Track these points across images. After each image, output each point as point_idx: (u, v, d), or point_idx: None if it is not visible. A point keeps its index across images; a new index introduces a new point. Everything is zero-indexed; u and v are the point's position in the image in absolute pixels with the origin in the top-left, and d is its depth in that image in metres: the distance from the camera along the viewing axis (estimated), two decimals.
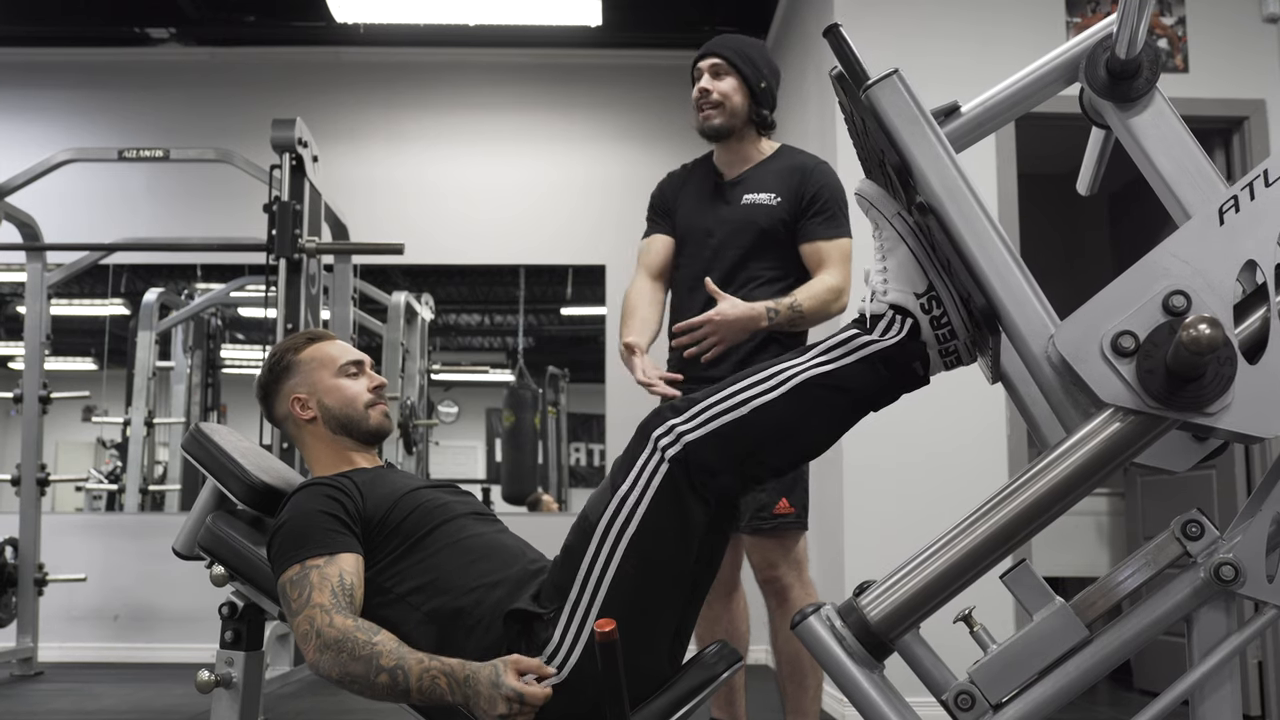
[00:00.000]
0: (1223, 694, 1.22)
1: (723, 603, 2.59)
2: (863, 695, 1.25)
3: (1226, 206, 1.22)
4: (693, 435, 1.46)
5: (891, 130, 1.35)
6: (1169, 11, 4.00)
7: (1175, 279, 1.20)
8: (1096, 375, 1.20)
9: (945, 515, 1.35)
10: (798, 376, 1.45)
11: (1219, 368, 1.16)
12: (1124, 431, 1.22)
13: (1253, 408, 1.18)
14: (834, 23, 1.41)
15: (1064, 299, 1.31)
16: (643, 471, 1.48)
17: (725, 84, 2.54)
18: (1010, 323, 1.30)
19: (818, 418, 1.49)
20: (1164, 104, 1.37)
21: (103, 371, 6.14)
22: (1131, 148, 1.39)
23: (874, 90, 1.36)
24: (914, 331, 1.40)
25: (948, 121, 1.45)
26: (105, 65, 5.70)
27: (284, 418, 1.97)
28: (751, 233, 2.51)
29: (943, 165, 1.33)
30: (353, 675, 1.55)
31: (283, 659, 4.13)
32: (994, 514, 1.26)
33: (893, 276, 1.41)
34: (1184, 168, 1.35)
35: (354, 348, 2.03)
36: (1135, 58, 1.34)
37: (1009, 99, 1.46)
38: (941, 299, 1.38)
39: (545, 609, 1.54)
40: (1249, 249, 1.21)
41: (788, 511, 2.45)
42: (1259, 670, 3.77)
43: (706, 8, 5.34)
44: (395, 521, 1.74)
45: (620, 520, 1.49)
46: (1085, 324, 1.22)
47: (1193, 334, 1.12)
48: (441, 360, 6.52)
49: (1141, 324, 1.19)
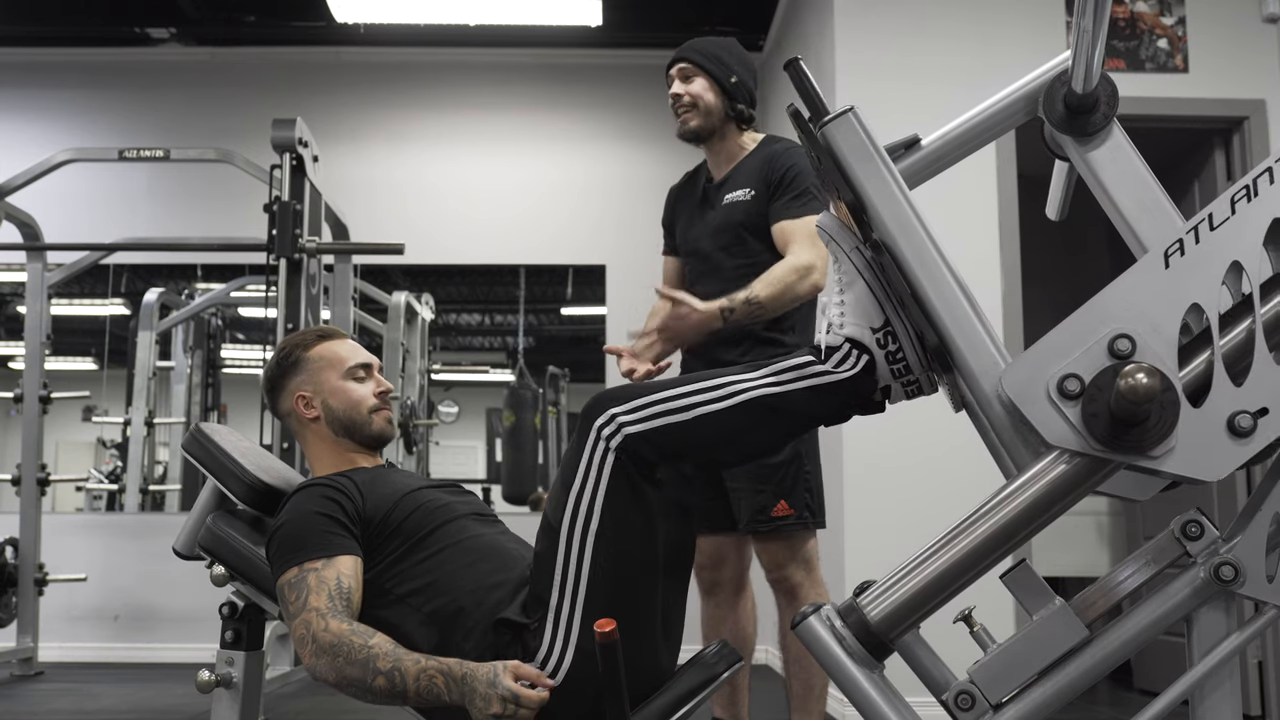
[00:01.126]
0: (1223, 694, 1.22)
1: (731, 603, 2.59)
2: (863, 695, 1.25)
3: (1172, 250, 1.23)
4: (633, 428, 1.47)
5: (846, 167, 1.35)
6: (1169, 11, 4.00)
7: (1121, 322, 1.22)
8: (1043, 417, 1.22)
9: (945, 515, 1.35)
10: (746, 393, 1.45)
11: (1162, 412, 1.17)
12: (1069, 473, 1.23)
13: (1196, 451, 1.19)
14: (794, 57, 1.41)
15: (1064, 299, 1.31)
16: (591, 464, 1.49)
17: (695, 85, 2.56)
18: (962, 361, 1.31)
19: (759, 432, 1.51)
20: (1122, 138, 1.38)
21: (103, 371, 6.14)
22: (1090, 181, 1.40)
23: (829, 127, 1.36)
24: (869, 366, 1.41)
25: (907, 155, 1.44)
26: (105, 65, 5.70)
27: (287, 414, 1.97)
28: (732, 232, 2.53)
29: (896, 203, 1.34)
30: (349, 679, 1.55)
31: (283, 659, 4.13)
32: (994, 514, 1.27)
33: (849, 310, 1.42)
34: (1141, 203, 1.36)
35: (363, 349, 2.03)
36: (1092, 92, 1.34)
37: (969, 132, 1.46)
38: (897, 334, 1.39)
39: (530, 619, 1.54)
40: (1193, 292, 1.22)
41: (786, 514, 2.45)
42: (1259, 670, 3.77)
43: (706, 8, 5.34)
44: (396, 522, 1.74)
45: (581, 518, 1.49)
46: (1033, 365, 1.23)
47: (1130, 383, 1.14)
48: (442, 360, 6.52)
49: (1087, 367, 1.21)
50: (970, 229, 3.85)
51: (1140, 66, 3.97)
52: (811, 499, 2.49)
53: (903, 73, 3.94)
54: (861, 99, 4.32)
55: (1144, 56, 3.97)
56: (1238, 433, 1.18)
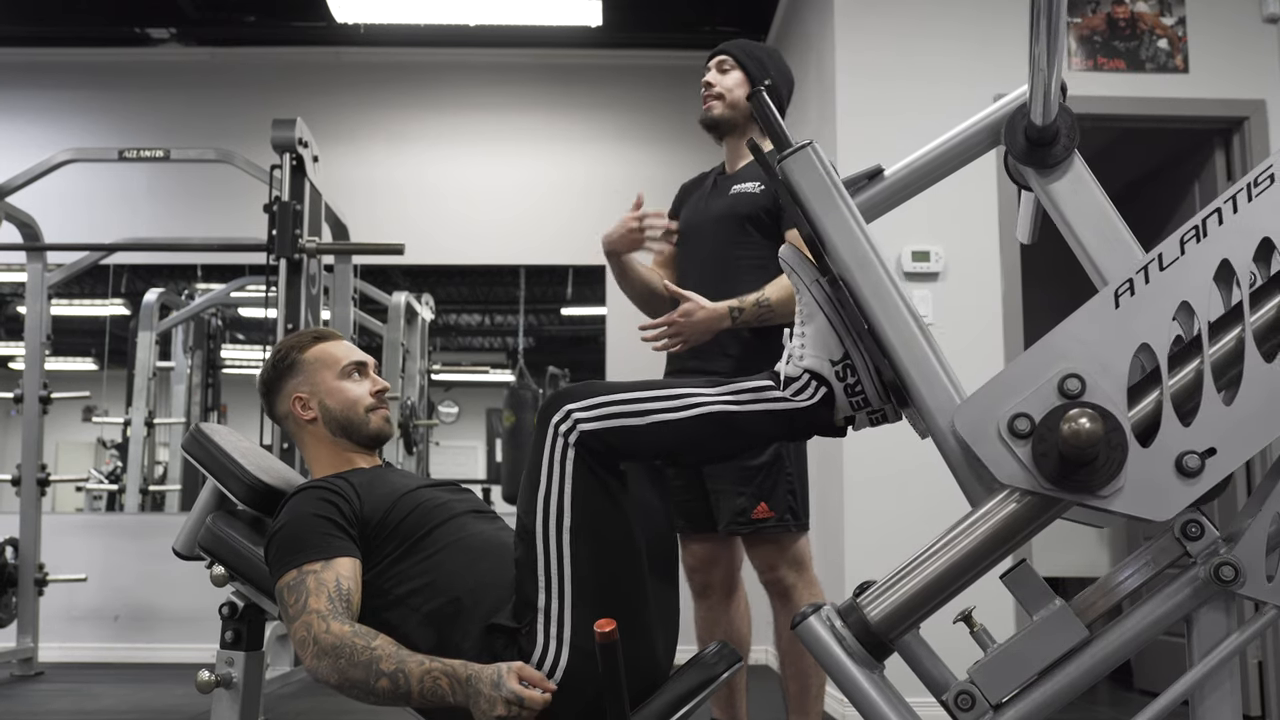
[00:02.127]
0: (1223, 694, 1.22)
1: (723, 604, 2.59)
2: (863, 695, 1.25)
3: (1122, 290, 1.24)
4: (587, 425, 1.48)
5: (804, 202, 1.36)
6: (1169, 11, 4.00)
7: (1071, 362, 1.22)
8: (994, 456, 1.23)
9: (945, 516, 1.35)
10: (705, 407, 1.46)
11: (1110, 453, 1.18)
12: (1020, 511, 1.25)
13: (1145, 491, 1.20)
14: (757, 88, 1.42)
15: (1063, 301, 1.32)
16: (553, 461, 1.50)
17: (729, 79, 2.60)
18: (918, 397, 1.33)
19: (710, 446, 1.52)
20: (1082, 170, 1.38)
21: (103, 372, 6.14)
22: (1052, 213, 1.40)
23: (788, 161, 1.37)
24: (827, 398, 1.42)
25: (870, 185, 1.45)
26: (106, 65, 5.70)
27: (285, 416, 1.97)
28: (734, 221, 2.54)
29: (853, 238, 1.34)
30: (352, 681, 1.55)
31: (283, 659, 4.13)
32: (967, 534, 1.28)
33: (810, 342, 1.43)
34: (1103, 235, 1.36)
35: (358, 349, 2.03)
36: (1051, 124, 1.34)
37: (932, 163, 1.46)
38: (856, 368, 1.40)
39: (520, 623, 1.55)
40: (1142, 332, 1.22)
41: (766, 516, 2.44)
42: (1259, 670, 3.77)
43: (706, 8, 5.34)
44: (394, 522, 1.74)
45: (553, 516, 1.50)
46: (984, 404, 1.24)
47: (1073, 427, 1.16)
48: (442, 360, 6.52)
49: (1037, 407, 1.21)
50: (970, 229, 3.85)
51: (1140, 67, 3.97)
52: (794, 501, 2.48)
53: (903, 73, 3.94)
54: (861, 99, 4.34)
55: (1144, 57, 3.97)
56: (1186, 473, 1.19)
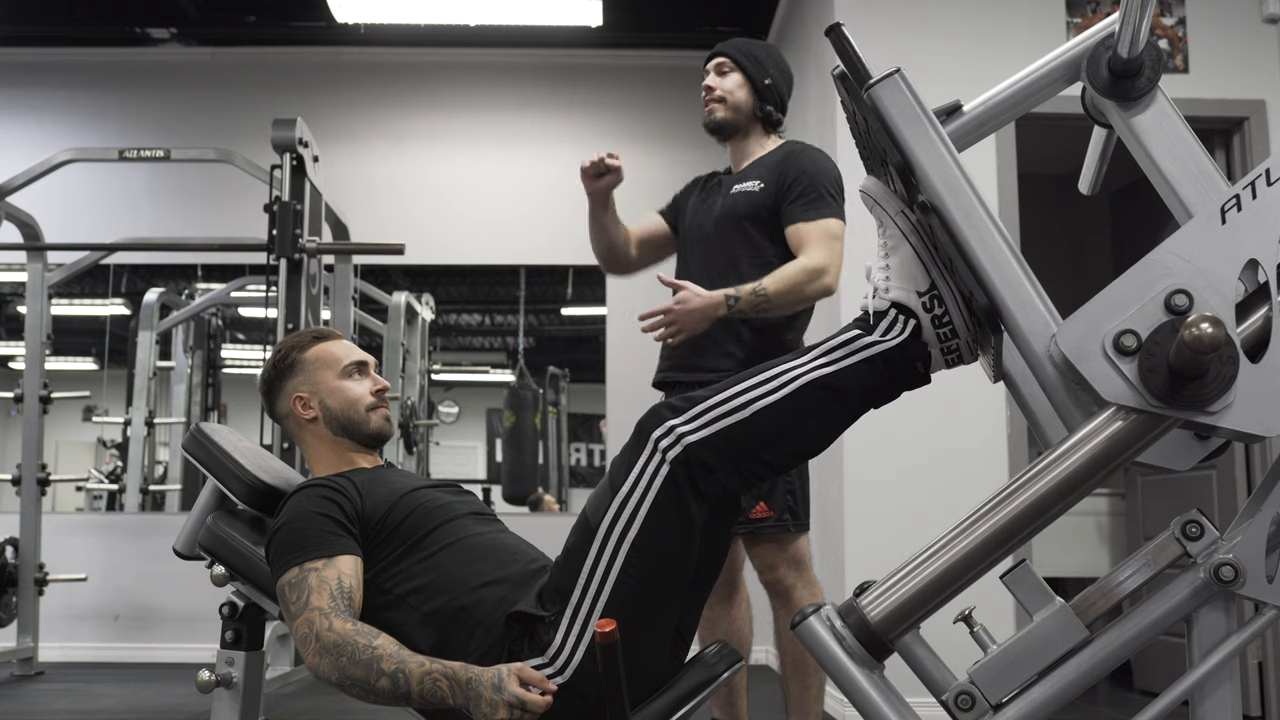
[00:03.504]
0: (1223, 694, 1.22)
1: (724, 604, 2.59)
2: (863, 695, 1.25)
3: (1229, 205, 1.22)
4: (693, 437, 1.47)
5: (894, 129, 1.35)
6: (1169, 11, 4.00)
7: (1177, 278, 1.20)
8: (1099, 374, 1.20)
9: (945, 516, 1.35)
10: (801, 378, 1.45)
11: (1221, 366, 1.16)
12: (1126, 430, 1.22)
13: (1255, 406, 1.18)
14: (836, 22, 1.40)
15: (1066, 299, 1.31)
16: (643, 473, 1.48)
17: (729, 81, 2.61)
18: (1012, 322, 1.30)
19: (819, 417, 1.49)
20: (1166, 103, 1.37)
21: (103, 371, 6.14)
22: (1134, 147, 1.38)
23: (876, 89, 1.35)
24: (916, 331, 1.40)
25: (949, 120, 1.45)
26: (106, 65, 5.70)
27: (285, 415, 1.97)
28: (734, 220, 2.54)
29: (945, 164, 1.33)
30: (353, 679, 1.55)
31: (283, 659, 4.13)
32: (995, 513, 1.26)
33: (895, 274, 1.41)
34: (1186, 167, 1.35)
35: (359, 348, 2.03)
36: (1137, 57, 1.34)
37: (1011, 98, 1.46)
38: (944, 298, 1.38)
39: (547, 611, 1.54)
40: (1251, 248, 1.21)
41: (765, 515, 2.44)
42: (1259, 670, 3.77)
43: (706, 8, 5.34)
44: (395, 522, 1.74)
45: (622, 522, 1.49)
46: (1087, 323, 1.22)
47: (1194, 333, 1.12)
48: (442, 360, 6.52)
49: (1143, 323, 1.19)
50: None
51: None
52: (794, 501, 2.48)
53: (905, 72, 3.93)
54: None
55: None
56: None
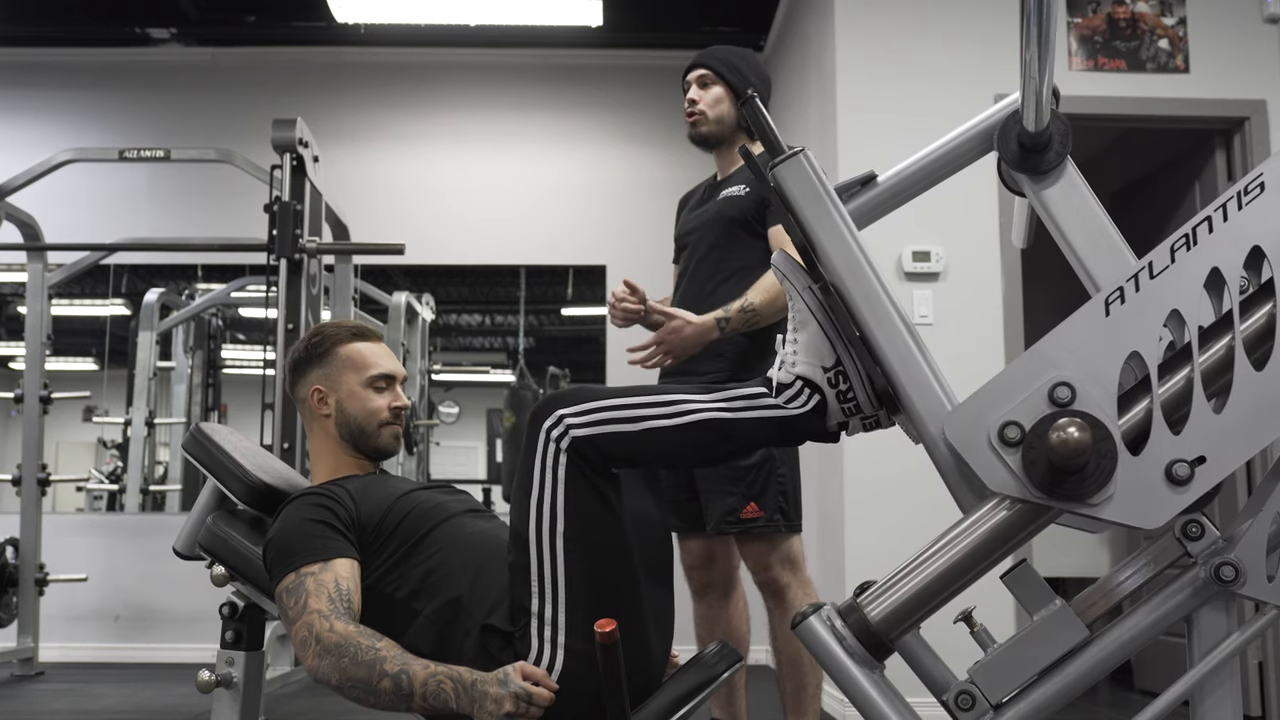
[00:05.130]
0: (1223, 694, 1.22)
1: (721, 603, 2.59)
2: (863, 695, 1.25)
3: (1112, 298, 1.24)
4: (579, 431, 1.48)
5: (796, 208, 1.36)
6: (1169, 11, 4.00)
7: (1061, 370, 1.22)
8: (984, 464, 1.23)
9: (945, 516, 1.35)
10: (696, 414, 1.45)
11: (1099, 461, 1.18)
12: (1011, 519, 1.25)
13: (1134, 499, 1.19)
14: (749, 94, 1.42)
15: (1064, 299, 1.31)
16: (545, 467, 1.50)
17: (711, 94, 2.61)
18: (909, 404, 1.33)
19: (703, 451, 1.51)
20: (1075, 176, 1.38)
21: (103, 372, 6.14)
22: (1045, 219, 1.40)
23: (780, 168, 1.37)
24: (819, 406, 1.42)
25: (862, 192, 1.45)
26: (106, 65, 5.70)
27: (302, 401, 1.98)
28: (721, 225, 2.55)
29: (845, 245, 1.35)
30: (354, 680, 1.55)
31: (283, 659, 4.13)
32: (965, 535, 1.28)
33: (802, 349, 1.43)
34: (1095, 242, 1.37)
35: (392, 358, 2.00)
36: (1044, 130, 1.34)
37: (925, 169, 1.46)
38: (849, 374, 1.40)
39: (514, 627, 1.55)
40: (1133, 340, 1.22)
41: (755, 515, 2.44)
42: (1259, 670, 3.77)
43: (706, 8, 5.34)
44: (391, 525, 1.74)
45: (546, 522, 1.50)
46: (975, 412, 1.24)
47: (1061, 436, 1.16)
48: (442, 360, 6.51)
49: (1027, 415, 1.22)
50: (970, 229, 3.85)
51: (1141, 67, 3.97)
52: (785, 502, 2.48)
53: (903, 73, 3.94)
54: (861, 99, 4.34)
55: (1145, 57, 3.97)
56: (1176, 481, 1.19)
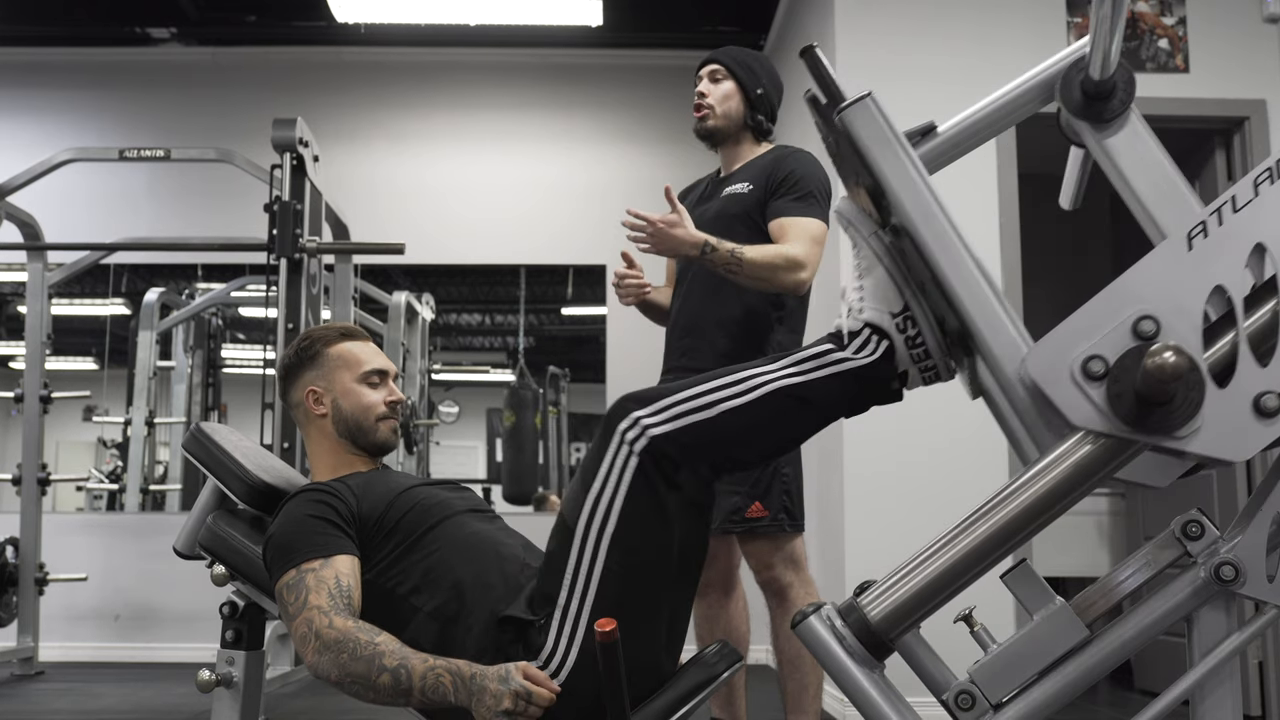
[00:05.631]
0: (1223, 694, 1.22)
1: (721, 603, 2.59)
2: (863, 695, 1.25)
3: (1195, 232, 1.22)
4: (657, 430, 1.47)
5: (865, 152, 1.35)
6: (1169, 11, 4.00)
7: (1144, 304, 1.21)
8: (1067, 399, 1.21)
9: (946, 515, 1.35)
10: (768, 385, 1.45)
11: (1187, 392, 1.17)
12: (1094, 454, 1.23)
13: (1221, 431, 1.18)
14: (810, 44, 1.41)
15: (1064, 299, 1.31)
16: (612, 467, 1.48)
17: (721, 89, 2.62)
18: (984, 345, 1.31)
19: (783, 424, 1.50)
20: (1139, 124, 1.37)
21: (104, 371, 6.14)
22: (1108, 168, 1.39)
23: (848, 112, 1.36)
24: (888, 352, 1.41)
25: (924, 141, 1.45)
26: (106, 65, 5.70)
27: (296, 405, 1.97)
28: (725, 221, 2.55)
29: (916, 188, 1.34)
30: (354, 675, 1.55)
31: (283, 658, 4.13)
32: (982, 522, 1.27)
33: (869, 295, 1.42)
34: (1160, 189, 1.36)
35: (382, 354, 2.01)
36: (1109, 78, 1.34)
37: (985, 119, 1.46)
38: (917, 319, 1.39)
39: (537, 616, 1.54)
40: (1217, 274, 1.21)
41: (760, 515, 2.45)
42: (1259, 670, 3.77)
43: (706, 8, 5.34)
44: (393, 521, 1.74)
45: (598, 520, 1.49)
46: (1056, 348, 1.23)
47: (1157, 361, 1.13)
48: (442, 360, 6.51)
49: (1111, 348, 1.20)
50: (970, 229, 3.82)
51: (1141, 66, 3.96)
52: (789, 501, 2.49)
53: (903, 73, 3.94)
54: None
55: (1144, 56, 3.97)
56: (1264, 412, 1.17)
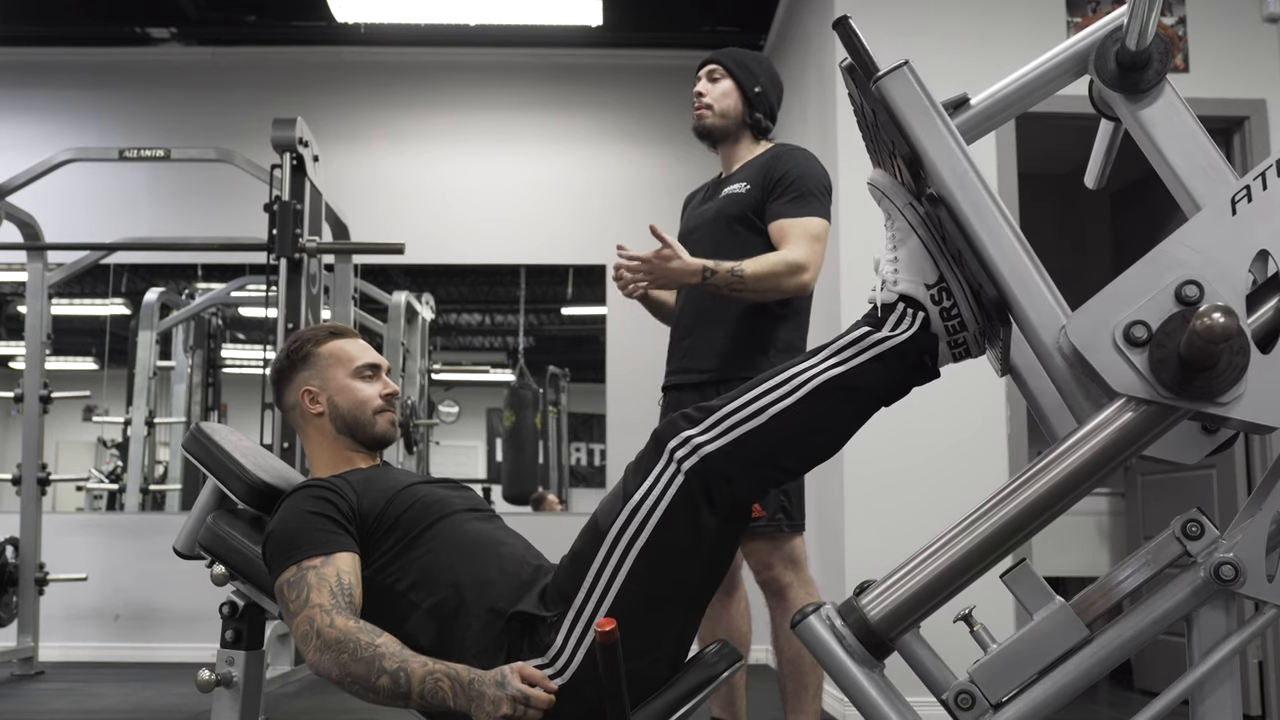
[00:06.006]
0: (1223, 694, 1.22)
1: (723, 603, 2.59)
2: (863, 694, 1.25)
3: (1239, 196, 1.21)
4: (710, 447, 1.46)
5: (902, 121, 1.34)
6: (1169, 11, 4.00)
7: (1188, 269, 1.20)
8: (1109, 365, 1.20)
9: (945, 514, 1.35)
10: (816, 379, 1.44)
11: (1232, 357, 1.15)
12: (1136, 421, 1.21)
13: (1266, 397, 1.17)
14: (843, 15, 1.39)
15: (1066, 298, 1.31)
16: (657, 483, 1.48)
17: (719, 87, 2.63)
18: (1021, 313, 1.30)
19: (833, 417, 1.49)
20: (1174, 96, 1.36)
21: (103, 371, 6.14)
22: (1142, 140, 1.38)
23: (885, 81, 1.35)
24: (925, 324, 1.40)
25: (957, 113, 1.44)
26: (106, 65, 5.70)
27: (292, 407, 1.97)
28: (723, 222, 2.56)
29: (953, 156, 1.33)
30: (354, 676, 1.55)
31: (283, 658, 4.13)
32: (1000, 508, 1.26)
33: (903, 267, 1.40)
34: (1194, 160, 1.34)
35: (373, 349, 2.01)
36: (1145, 49, 1.33)
37: (1019, 91, 1.45)
38: (952, 290, 1.37)
39: (550, 612, 1.54)
40: (1261, 239, 1.20)
41: (758, 515, 2.43)
42: (1259, 670, 3.77)
43: (706, 8, 5.34)
44: (392, 518, 1.74)
45: (632, 529, 1.49)
46: (1098, 314, 1.21)
47: (1206, 323, 1.11)
48: (442, 360, 6.52)
49: (1154, 314, 1.19)
50: None
51: None
52: (787, 501, 2.48)
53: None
54: None
55: None
56: None
